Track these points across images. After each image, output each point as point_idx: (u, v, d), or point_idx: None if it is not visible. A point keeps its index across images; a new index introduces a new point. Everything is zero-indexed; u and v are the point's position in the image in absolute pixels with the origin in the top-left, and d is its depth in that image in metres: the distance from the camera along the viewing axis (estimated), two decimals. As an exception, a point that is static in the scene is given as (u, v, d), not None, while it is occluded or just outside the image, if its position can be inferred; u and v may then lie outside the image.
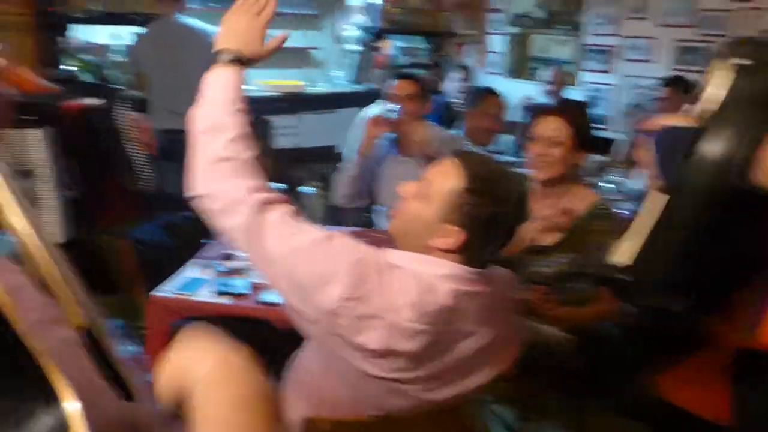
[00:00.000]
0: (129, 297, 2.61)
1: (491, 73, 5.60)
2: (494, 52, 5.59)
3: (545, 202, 2.25)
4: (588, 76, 4.95)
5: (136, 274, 2.45)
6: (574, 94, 4.72)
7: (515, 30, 5.41)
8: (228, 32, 1.42)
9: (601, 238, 2.16)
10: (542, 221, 2.13)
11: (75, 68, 3.84)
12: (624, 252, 1.37)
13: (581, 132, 2.20)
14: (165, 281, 2.15)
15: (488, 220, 1.32)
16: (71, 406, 0.47)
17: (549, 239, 2.21)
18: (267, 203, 1.25)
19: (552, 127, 2.19)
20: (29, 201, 1.89)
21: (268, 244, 1.23)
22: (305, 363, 1.46)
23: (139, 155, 2.18)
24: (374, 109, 3.80)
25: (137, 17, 3.97)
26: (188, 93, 3.96)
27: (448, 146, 2.60)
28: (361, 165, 2.78)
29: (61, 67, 3.83)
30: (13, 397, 0.46)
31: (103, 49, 4.11)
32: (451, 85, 4.53)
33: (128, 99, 2.17)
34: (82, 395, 0.48)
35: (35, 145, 1.87)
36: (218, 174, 1.26)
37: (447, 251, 1.33)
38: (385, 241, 1.49)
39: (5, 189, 0.61)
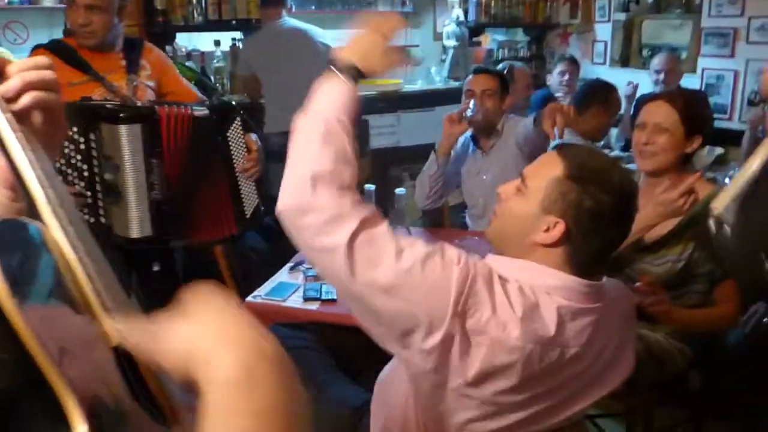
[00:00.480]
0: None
1: (598, 64, 5.33)
2: (601, 41, 5.32)
3: (651, 197, 2.09)
4: (706, 62, 4.59)
5: (232, 277, 2.48)
6: (690, 82, 4.39)
7: (623, 16, 5.11)
8: (352, 46, 1.37)
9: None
10: (654, 210, 1.97)
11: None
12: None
13: (692, 118, 2.03)
14: (259, 286, 2.16)
15: (591, 210, 1.21)
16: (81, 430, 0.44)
17: (656, 233, 2.03)
18: (369, 222, 1.15)
19: (658, 112, 2.05)
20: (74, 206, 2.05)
21: (371, 268, 1.12)
22: (391, 381, 1.40)
23: (244, 176, 2.20)
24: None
25: (237, 23, 4.07)
26: (302, 94, 4.04)
27: (535, 141, 2.49)
28: (440, 164, 2.70)
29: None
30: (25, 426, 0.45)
31: (206, 55, 4.23)
32: (555, 78, 4.33)
33: (245, 116, 2.16)
34: (103, 418, 0.46)
35: (124, 140, 1.92)
36: (321, 189, 1.15)
37: (550, 246, 1.22)
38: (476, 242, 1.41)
39: (38, 190, 0.59)
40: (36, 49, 2.18)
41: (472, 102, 2.69)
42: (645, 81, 4.37)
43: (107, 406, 0.50)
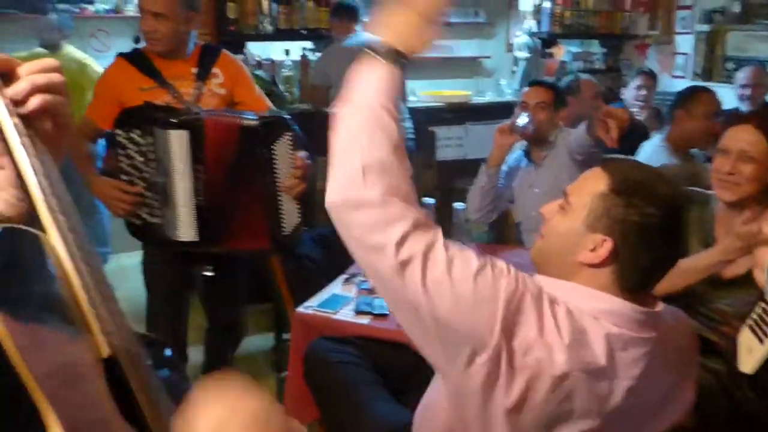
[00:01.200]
0: (280, 308, 2.66)
1: (678, 77, 5.12)
2: (682, 53, 5.10)
3: (730, 227, 1.95)
4: (796, 77, 4.32)
5: (287, 286, 2.48)
6: (778, 97, 4.15)
7: (707, 27, 4.89)
8: (388, 25, 1.24)
9: None
10: (727, 246, 1.83)
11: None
12: None
13: None
14: (314, 295, 2.15)
15: (638, 225, 1.13)
16: None
17: (734, 271, 1.89)
18: (421, 226, 1.09)
19: (745, 138, 1.87)
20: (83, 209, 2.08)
21: (420, 273, 1.07)
22: (434, 407, 1.35)
23: (287, 192, 2.21)
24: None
25: (307, 33, 4.13)
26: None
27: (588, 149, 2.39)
28: (490, 175, 2.64)
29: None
30: None
31: (276, 64, 4.31)
32: (630, 92, 4.17)
33: (296, 133, 2.17)
34: None
35: (174, 145, 2.00)
36: (371, 182, 1.09)
37: (597, 266, 1.15)
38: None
39: (40, 197, 0.59)
40: (118, 57, 2.30)
41: (524, 113, 2.63)
42: (729, 96, 4.14)
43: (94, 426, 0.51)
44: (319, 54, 4.20)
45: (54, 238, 0.56)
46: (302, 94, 4.29)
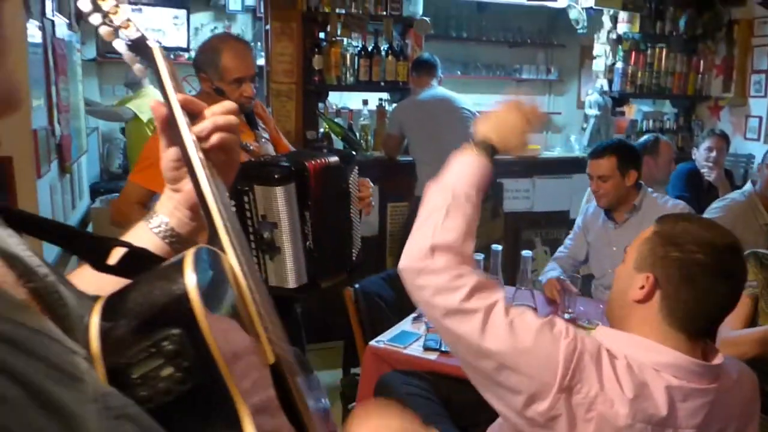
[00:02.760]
0: (351, 344, 2.79)
1: (751, 139, 5.09)
2: (756, 116, 5.08)
3: None
4: None
5: (359, 322, 2.61)
6: None
7: (782, 92, 4.88)
8: (493, 123, 1.41)
9: None
10: None
11: (327, 130, 4.28)
12: None
13: None
14: (384, 332, 2.27)
15: (678, 260, 1.22)
16: None
17: None
18: (483, 288, 1.22)
19: None
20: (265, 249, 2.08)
21: (480, 335, 1.19)
22: None
23: (356, 216, 2.27)
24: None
25: (385, 85, 4.33)
26: (448, 160, 4.15)
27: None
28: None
29: (320, 129, 4.29)
30: (209, 429, 0.51)
31: (353, 113, 4.52)
32: (701, 153, 4.19)
33: (356, 161, 2.28)
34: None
35: (281, 200, 1.97)
36: (438, 257, 1.24)
37: (644, 301, 1.25)
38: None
39: (218, 219, 0.69)
40: None
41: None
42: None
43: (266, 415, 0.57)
44: (395, 105, 4.39)
45: (231, 258, 0.64)
46: (377, 142, 4.47)
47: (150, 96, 4.65)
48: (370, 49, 4.27)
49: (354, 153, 2.33)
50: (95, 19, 0.81)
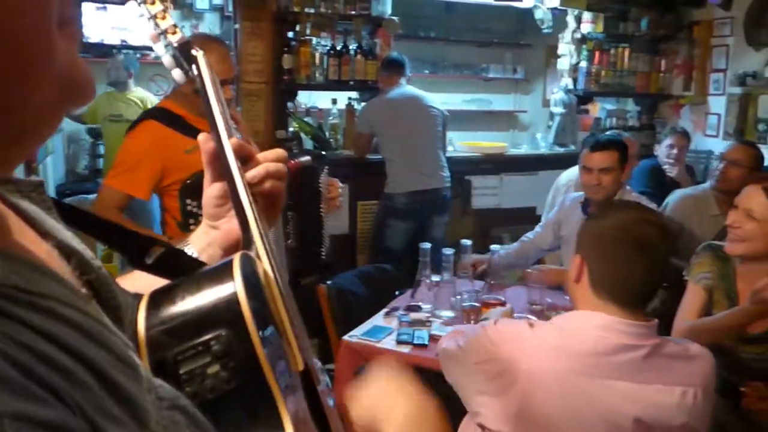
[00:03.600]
0: (323, 340, 2.82)
1: (711, 136, 5.25)
2: (715, 113, 5.24)
3: (750, 281, 2.06)
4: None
5: (332, 318, 2.64)
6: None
7: (739, 90, 5.03)
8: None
9: None
10: (746, 311, 1.92)
11: (297, 129, 4.30)
12: None
13: None
14: (356, 327, 2.31)
15: (593, 236, 1.43)
16: None
17: (760, 326, 2.01)
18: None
19: (752, 199, 2.00)
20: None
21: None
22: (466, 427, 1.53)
23: (326, 216, 2.31)
24: (569, 173, 3.78)
25: (354, 84, 4.37)
26: (418, 157, 4.25)
27: None
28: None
29: (290, 129, 4.31)
30: (250, 426, 0.52)
31: (323, 112, 4.55)
32: (663, 150, 4.30)
33: (326, 160, 2.33)
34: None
35: None
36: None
37: (578, 280, 1.44)
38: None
39: (254, 225, 0.70)
40: (146, 120, 2.21)
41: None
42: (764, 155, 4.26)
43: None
44: (364, 103, 4.43)
45: (266, 265, 0.65)
46: (346, 141, 4.50)
47: (138, 97, 4.61)
48: (339, 48, 4.31)
49: (324, 153, 2.37)
50: (143, 20, 0.81)
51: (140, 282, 0.63)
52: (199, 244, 0.87)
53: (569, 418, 1.34)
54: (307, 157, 2.27)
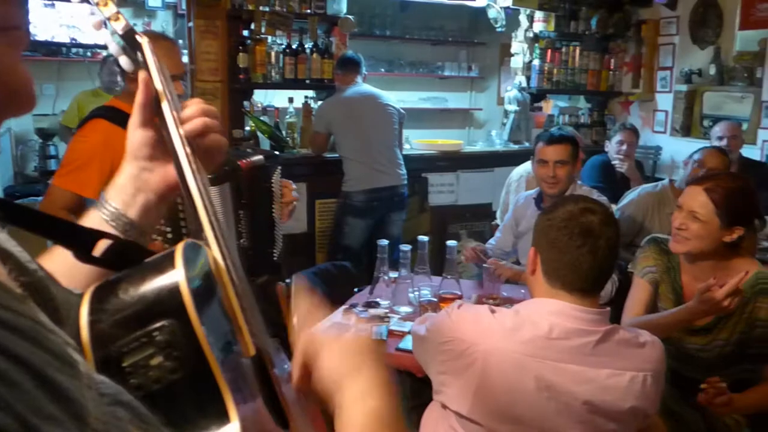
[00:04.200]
0: (285, 340, 2.82)
1: (659, 132, 5.41)
2: (662, 110, 5.40)
3: (693, 276, 2.13)
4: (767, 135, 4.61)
5: (290, 315, 2.65)
6: (750, 153, 4.41)
7: (685, 87, 5.20)
8: None
9: (764, 313, 2.01)
10: (691, 309, 1.97)
11: (254, 128, 4.27)
12: None
13: (730, 212, 2.00)
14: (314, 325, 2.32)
15: (542, 229, 1.52)
16: (234, 427, 0.51)
17: (705, 319, 2.06)
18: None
19: (696, 199, 2.04)
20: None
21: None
22: (430, 413, 1.57)
23: (278, 217, 2.30)
24: (520, 169, 3.86)
25: (311, 83, 4.37)
26: (375, 155, 4.25)
27: None
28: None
29: (246, 128, 4.28)
30: (196, 416, 0.52)
31: (280, 111, 4.54)
32: (613, 146, 4.42)
33: (280, 160, 2.32)
34: (245, 422, 0.53)
35: (220, 199, 1.93)
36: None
37: (533, 272, 1.53)
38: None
39: (204, 214, 0.69)
40: (95, 119, 2.18)
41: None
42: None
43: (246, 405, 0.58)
44: (320, 102, 4.44)
45: (215, 252, 0.64)
46: (304, 140, 4.50)
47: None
48: (295, 47, 4.30)
49: (277, 153, 2.36)
50: (84, 8, 0.80)
51: (60, 259, 0.63)
52: (125, 194, 0.84)
53: (522, 398, 1.39)
54: (260, 156, 2.25)
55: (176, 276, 0.54)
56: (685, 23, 5.19)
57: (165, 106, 0.79)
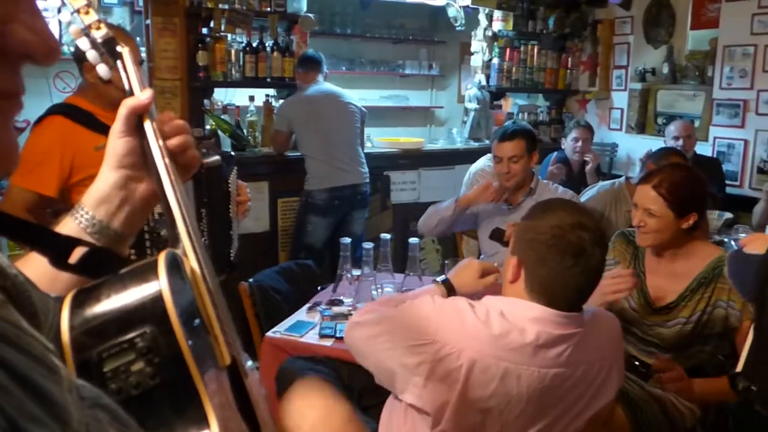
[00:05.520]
0: (248, 339, 2.81)
1: (615, 130, 5.53)
2: (618, 108, 5.52)
3: (656, 263, 2.25)
4: (718, 131, 4.75)
5: (255, 315, 2.64)
6: (702, 149, 4.55)
7: (639, 86, 5.33)
8: (459, 273, 1.85)
9: (725, 295, 2.12)
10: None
11: (214, 127, 4.24)
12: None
13: (679, 203, 2.12)
14: (279, 323, 2.32)
15: (530, 240, 1.43)
16: None
17: (663, 301, 2.19)
18: None
19: (647, 197, 2.15)
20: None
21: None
22: (391, 410, 1.57)
23: (235, 217, 2.32)
24: (480, 163, 3.91)
25: (272, 81, 4.35)
26: (337, 154, 4.24)
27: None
28: (456, 213, 2.87)
29: (207, 126, 4.24)
30: (175, 421, 0.53)
31: (240, 109, 4.51)
32: (569, 143, 4.51)
33: (235, 161, 2.32)
34: (223, 428, 0.54)
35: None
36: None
37: (514, 281, 1.46)
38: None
39: (182, 224, 0.69)
40: (52, 115, 2.16)
41: (494, 183, 2.87)
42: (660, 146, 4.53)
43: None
44: (282, 100, 4.42)
45: (192, 262, 0.66)
46: (265, 139, 4.47)
47: None
48: (255, 45, 4.27)
49: (233, 153, 2.37)
50: (65, 16, 0.79)
51: (36, 264, 0.63)
52: (109, 204, 0.82)
53: (505, 402, 1.38)
54: (217, 157, 2.26)
55: (159, 284, 0.55)
56: (639, 23, 5.32)
57: (147, 124, 0.80)
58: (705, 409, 2.21)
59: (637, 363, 2.17)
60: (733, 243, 3.24)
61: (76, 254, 0.63)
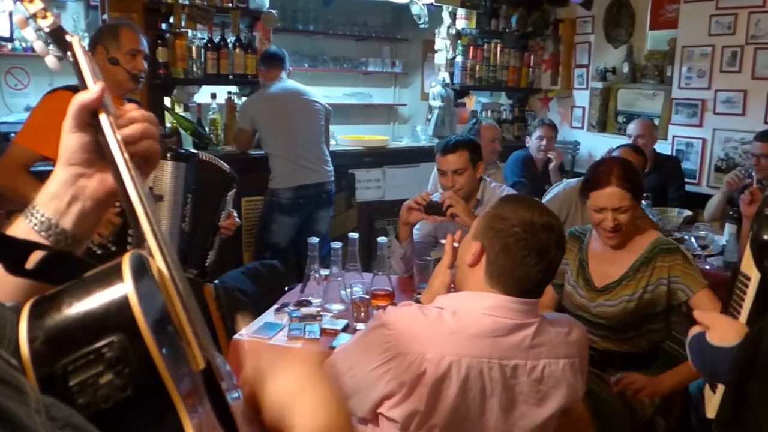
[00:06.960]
0: (214, 341, 2.75)
1: (576, 128, 5.60)
2: (579, 106, 5.59)
3: (601, 252, 2.36)
4: (677, 130, 4.85)
5: (221, 317, 2.59)
6: (662, 147, 4.63)
7: (600, 85, 5.40)
8: (431, 288, 1.80)
9: (666, 273, 2.23)
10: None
11: (175, 125, 4.15)
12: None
13: (638, 189, 2.25)
14: (247, 325, 2.28)
15: (499, 230, 1.46)
16: None
17: (605, 280, 2.30)
18: None
19: (613, 198, 2.21)
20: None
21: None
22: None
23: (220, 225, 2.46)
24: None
25: (234, 78, 4.28)
26: (301, 152, 4.22)
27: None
28: (405, 248, 2.74)
29: (168, 124, 4.15)
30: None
31: (202, 107, 4.42)
32: (533, 142, 4.55)
33: (236, 183, 2.55)
34: None
35: (171, 175, 2.13)
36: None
37: (474, 264, 1.49)
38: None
39: (145, 222, 0.66)
40: (56, 91, 2.36)
41: (437, 193, 2.73)
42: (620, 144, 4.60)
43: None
44: (244, 98, 4.35)
45: (160, 263, 0.62)
46: (227, 137, 4.40)
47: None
48: (217, 41, 4.20)
49: (236, 176, 2.49)
50: (8, 5, 0.76)
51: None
52: (58, 202, 0.78)
53: (470, 398, 1.40)
54: (227, 167, 2.47)
55: (124, 289, 0.52)
56: (600, 22, 5.39)
57: (101, 116, 0.76)
58: (669, 401, 2.27)
59: (593, 352, 2.20)
60: (693, 240, 3.32)
61: (33, 259, 0.59)
